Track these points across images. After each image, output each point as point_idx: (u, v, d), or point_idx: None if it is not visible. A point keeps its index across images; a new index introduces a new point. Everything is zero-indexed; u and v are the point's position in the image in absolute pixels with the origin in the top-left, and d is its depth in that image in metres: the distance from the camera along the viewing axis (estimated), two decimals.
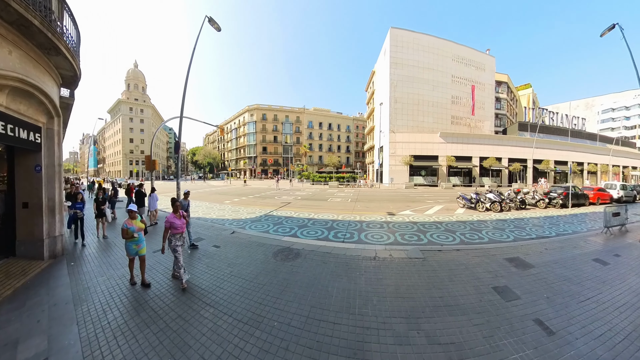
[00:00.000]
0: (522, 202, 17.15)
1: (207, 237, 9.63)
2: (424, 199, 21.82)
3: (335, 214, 14.17)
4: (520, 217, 14.07)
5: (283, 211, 15.17)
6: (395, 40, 42.98)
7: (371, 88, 59.17)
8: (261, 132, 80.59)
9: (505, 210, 15.84)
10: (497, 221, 12.81)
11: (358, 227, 11.04)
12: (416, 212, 15.16)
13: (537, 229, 11.29)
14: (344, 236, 9.56)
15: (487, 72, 51.28)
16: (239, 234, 9.93)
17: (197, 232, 10.40)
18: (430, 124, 44.89)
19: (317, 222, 12.00)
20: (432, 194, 26.62)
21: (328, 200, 20.11)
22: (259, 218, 13.24)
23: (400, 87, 43.11)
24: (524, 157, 46.29)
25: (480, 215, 14.58)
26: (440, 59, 45.73)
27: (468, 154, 44.00)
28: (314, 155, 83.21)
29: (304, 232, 10.06)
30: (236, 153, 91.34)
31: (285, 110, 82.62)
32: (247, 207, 17.06)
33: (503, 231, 10.65)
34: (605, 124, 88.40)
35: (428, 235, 9.84)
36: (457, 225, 11.76)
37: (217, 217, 13.95)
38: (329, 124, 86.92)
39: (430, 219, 13.10)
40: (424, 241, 9.13)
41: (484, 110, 51.02)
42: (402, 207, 17.36)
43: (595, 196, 19.95)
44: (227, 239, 9.28)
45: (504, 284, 5.58)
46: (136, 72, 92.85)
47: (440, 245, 8.62)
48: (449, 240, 9.27)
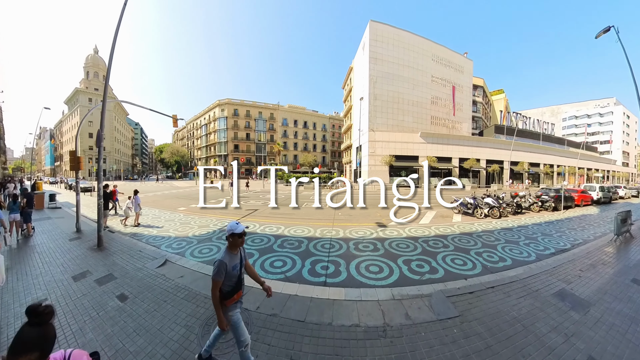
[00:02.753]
0: (518, 206, 16.16)
1: (120, 274, 6.49)
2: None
3: (311, 226, 11.31)
4: (522, 223, 13.12)
5: (246, 223, 11.98)
6: (375, 34, 40.93)
7: (348, 85, 56.96)
8: (232, 129, 75.93)
9: (503, 215, 14.60)
10: (503, 231, 11.32)
11: (344, 249, 8.25)
12: (409, 221, 12.76)
13: (548, 238, 10.24)
14: (326, 270, 6.69)
15: (465, 74, 51.45)
16: (170, 268, 6.83)
17: (114, 262, 7.26)
18: (410, 124, 43.51)
19: (288, 241, 9.07)
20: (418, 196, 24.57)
21: (303, 205, 17.19)
22: (210, 235, 10.10)
23: (380, 83, 41.15)
24: (500, 158, 47.18)
25: (482, 223, 12.99)
26: (421, 58, 44.48)
27: (448, 155, 43.36)
28: (289, 154, 79.93)
29: (268, 264, 7.07)
30: (206, 151, 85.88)
31: (258, 106, 78.46)
32: (203, 217, 13.78)
33: (517, 245, 9.20)
34: (569, 130, 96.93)
35: (439, 259, 7.56)
36: (464, 239, 9.74)
37: (158, 233, 10.69)
38: (304, 122, 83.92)
39: (430, 231, 10.84)
40: (439, 272, 6.72)
41: (462, 112, 51.11)
42: (390, 213, 14.88)
43: (579, 198, 20.63)
44: (149, 279, 6.18)
45: (584, 350, 3.75)
46: (96, 58, 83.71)
47: (463, 279, 6.25)
48: (469, 268, 7.02)
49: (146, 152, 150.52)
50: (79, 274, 6.48)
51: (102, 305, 5.06)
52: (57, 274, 6.53)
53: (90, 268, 6.89)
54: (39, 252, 8.31)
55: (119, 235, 10.56)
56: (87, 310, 4.87)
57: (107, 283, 6.06)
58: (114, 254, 8.15)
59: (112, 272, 6.72)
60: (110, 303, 5.18)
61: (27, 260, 7.56)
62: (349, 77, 57.28)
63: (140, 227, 11.92)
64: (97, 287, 5.87)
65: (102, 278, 6.29)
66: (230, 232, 3.12)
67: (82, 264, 7.21)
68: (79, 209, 11.83)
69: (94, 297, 5.36)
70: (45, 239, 9.89)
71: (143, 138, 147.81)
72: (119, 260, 7.56)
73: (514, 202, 16.10)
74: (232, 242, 3.14)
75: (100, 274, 6.51)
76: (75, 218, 11.73)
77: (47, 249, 8.58)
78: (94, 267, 6.99)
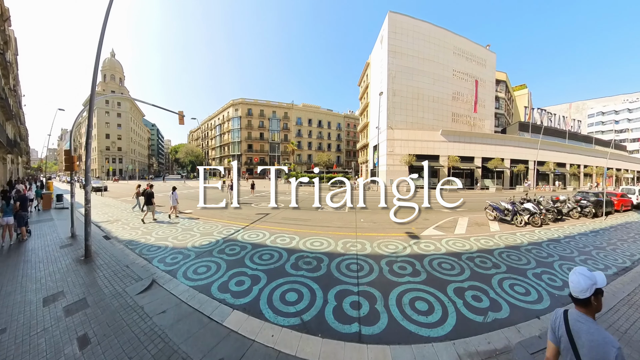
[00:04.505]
0: (558, 212, 14.21)
1: (94, 301, 5.28)
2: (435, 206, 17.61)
3: (331, 237, 9.65)
4: (567, 233, 11.40)
5: (255, 231, 10.54)
6: (394, 26, 38.66)
7: (365, 82, 54.83)
8: (246, 129, 75.30)
9: (544, 223, 12.82)
10: (552, 244, 9.57)
11: (376, 272, 6.51)
12: (443, 231, 10.99)
13: (603, 253, 8.78)
14: (358, 310, 4.88)
15: (488, 68, 48.04)
16: (154, 294, 5.41)
17: (94, 281, 6.10)
18: (430, 121, 40.99)
19: (304, 258, 7.43)
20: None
21: (320, 209, 15.58)
22: (212, 246, 8.60)
23: (399, 78, 38.90)
24: (525, 158, 43.55)
25: (524, 232, 11.19)
26: (441, 51, 41.82)
27: (470, 154, 40.40)
28: (303, 154, 78.52)
29: (277, 296, 5.34)
30: (220, 151, 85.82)
31: (272, 106, 77.44)
32: (207, 222, 12.41)
33: (574, 263, 7.74)
34: (596, 127, 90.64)
35: (496, 285, 5.95)
36: (513, 256, 8.02)
37: (155, 242, 9.38)
38: (318, 121, 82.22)
39: (471, 245, 9.03)
40: (503, 307, 5.08)
41: (485, 109, 47.73)
42: (418, 220, 13.08)
43: (619, 202, 18.54)
44: (123, 313, 4.78)
45: None
46: (113, 61, 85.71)
47: (536, 318, 4.72)
48: (534, 299, 5.47)
49: (162, 153, 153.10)
50: (51, 296, 5.49)
51: (57, 352, 3.81)
52: (30, 292, 5.68)
53: (67, 288, 5.86)
54: (25, 260, 7.69)
55: (115, 243, 9.44)
56: (39, 356, 3.70)
57: (75, 313, 4.84)
58: (98, 268, 6.97)
59: (87, 295, 5.52)
60: (67, 349, 3.88)
61: (8, 271, 6.87)
62: (365, 74, 55.16)
63: (140, 232, 10.82)
64: (64, 318, 4.70)
65: (73, 305, 5.13)
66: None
67: (61, 280, 6.22)
68: (74, 212, 10.79)
69: (54, 335, 4.20)
70: (38, 245, 9.28)
71: (159, 139, 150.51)
72: (100, 278, 6.33)
73: (554, 208, 14.19)
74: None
75: (73, 298, 5.38)
76: (71, 222, 10.78)
77: (34, 258, 7.90)
78: (71, 286, 5.92)
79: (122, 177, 76.33)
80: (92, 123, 8.28)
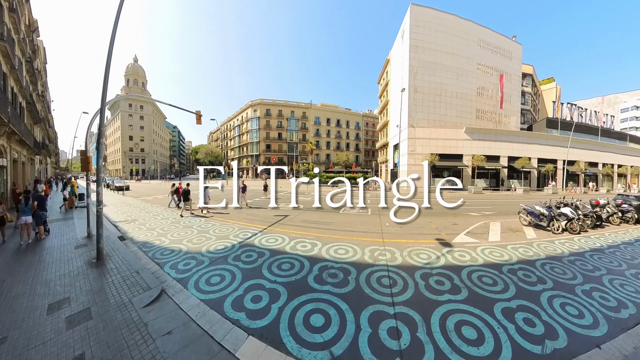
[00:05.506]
0: (597, 218, 12.89)
1: (98, 312, 4.78)
2: (463, 210, 16.59)
3: (355, 243, 8.81)
4: (610, 242, 10.06)
5: (273, 235, 9.85)
6: (416, 19, 37.16)
7: (384, 79, 53.42)
8: (265, 129, 75.51)
9: (582, 230, 11.55)
10: (596, 254, 8.46)
11: (412, 289, 5.64)
12: (476, 238, 9.91)
13: None
14: (398, 339, 4.02)
15: (514, 61, 45.00)
16: (162, 308, 4.84)
17: (102, 288, 5.70)
18: (453, 118, 39.03)
19: (328, 269, 6.59)
20: (467, 202, 21.22)
21: (341, 211, 14.74)
22: (227, 251, 8.00)
23: (421, 74, 37.34)
24: (553, 157, 40.52)
25: (562, 240, 10.01)
26: (465, 44, 39.71)
27: (495, 153, 38.04)
28: (321, 154, 77.82)
29: (300, 319, 4.50)
30: (239, 151, 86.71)
31: (290, 106, 77.26)
32: (224, 224, 11.89)
33: (625, 277, 6.67)
34: (629, 123, 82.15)
35: (545, 304, 5.13)
36: (557, 268, 7.05)
37: (170, 244, 8.94)
38: (337, 120, 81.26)
39: (510, 254, 8.05)
40: (559, 334, 4.28)
41: (510, 104, 44.69)
42: (446, 224, 12.11)
43: None
44: (124, 331, 4.23)
45: None
46: (136, 67, 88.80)
47: (597, 348, 4.01)
48: (589, 322, 4.65)
49: (183, 153, 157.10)
50: (57, 302, 5.18)
51: None
52: (38, 296, 5.43)
53: (73, 294, 5.53)
54: (39, 260, 7.63)
55: (129, 244, 9.15)
56: None
57: (77, 326, 4.41)
58: (108, 272, 6.58)
59: (91, 305, 5.07)
60: None
61: (22, 271, 6.82)
62: (385, 71, 53.72)
63: (155, 234, 10.52)
64: (64, 331, 4.29)
65: (77, 315, 4.73)
66: None
67: (69, 285, 5.90)
68: (90, 212, 10.59)
69: (51, 352, 3.81)
70: (54, 244, 9.28)
71: (180, 140, 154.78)
72: (108, 285, 5.90)
73: (593, 213, 12.77)
74: None
75: (78, 307, 4.99)
76: (86, 222, 10.70)
77: (48, 258, 7.83)
78: (78, 292, 5.58)
79: (144, 177, 78.59)
80: (103, 126, 7.93)
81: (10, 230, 10.48)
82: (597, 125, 48.08)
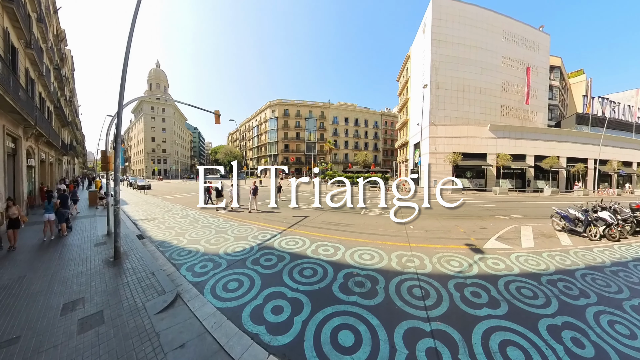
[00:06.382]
0: (638, 223, 11.46)
1: (111, 316, 4.53)
2: (490, 212, 15.57)
3: (380, 247, 8.23)
4: None
5: (293, 237, 9.40)
6: (439, 11, 35.75)
7: (404, 76, 52.04)
8: (283, 129, 75.66)
9: (622, 236, 10.27)
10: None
11: (447, 302, 5.00)
12: (508, 243, 9.07)
13: None
14: None
15: (541, 53, 41.76)
16: (176, 315, 4.51)
17: (117, 289, 5.50)
18: (477, 115, 37.17)
19: (354, 277, 6.03)
20: (493, 204, 20.11)
21: (362, 213, 14.12)
22: (246, 254, 7.63)
23: (443, 69, 35.86)
24: (583, 156, 37.53)
25: (601, 247, 9.03)
26: (489, 36, 37.63)
27: (521, 152, 35.74)
28: (339, 153, 77.09)
29: (327, 336, 3.98)
30: (257, 151, 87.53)
31: (308, 105, 76.99)
32: (242, 225, 11.60)
33: None
34: None
35: (592, 322, 4.54)
36: (599, 280, 6.28)
37: (187, 244, 8.73)
38: (355, 119, 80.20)
39: (546, 263, 7.24)
40: (611, 356, 3.77)
41: (537, 100, 41.61)
42: (474, 228, 11.26)
43: None
44: (135, 341, 3.92)
45: None
46: (158, 71, 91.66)
47: None
48: None
49: (204, 154, 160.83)
50: (71, 302, 5.05)
51: None
52: (54, 295, 5.35)
53: (88, 294, 5.33)
54: (59, 257, 7.70)
55: (147, 243, 9.03)
56: None
57: (88, 330, 4.19)
58: (124, 273, 6.41)
59: (105, 308, 4.84)
60: None
61: (42, 267, 6.91)
62: (404, 67, 52.32)
63: (174, 233, 10.41)
64: (75, 335, 4.07)
65: (89, 318, 4.53)
66: None
67: (85, 284, 5.80)
68: (109, 211, 10.60)
69: (60, 357, 3.61)
70: (75, 241, 9.43)
71: (201, 141, 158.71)
72: (123, 286, 5.69)
73: (633, 218, 11.46)
74: None
75: (92, 310, 4.81)
76: (106, 220, 10.82)
77: (68, 255, 7.92)
78: (93, 293, 5.44)
79: (166, 176, 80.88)
80: (120, 128, 7.96)
81: (25, 233, 10.20)
82: (632, 120, 44.02)
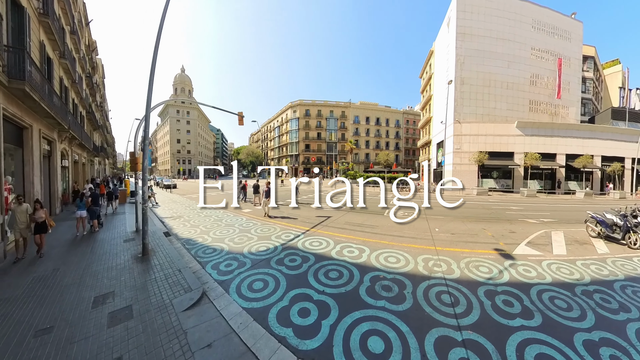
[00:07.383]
0: None
1: (139, 311, 4.61)
2: (518, 215, 14.70)
3: (406, 251, 7.92)
4: None
5: (316, 238, 9.29)
6: (463, 3, 34.35)
7: (427, 72, 50.66)
8: (304, 129, 75.98)
9: None
10: None
11: (477, 310, 4.67)
12: (538, 249, 8.45)
13: None
14: None
15: (574, 42, 38.31)
16: (202, 313, 4.54)
17: (145, 284, 5.66)
18: (503, 112, 35.11)
19: (381, 280, 5.84)
20: (521, 206, 18.88)
21: (385, 214, 13.76)
22: (269, 254, 7.60)
23: (468, 64, 34.35)
24: (620, 154, 33.95)
25: None
26: (518, 26, 35.39)
27: (551, 151, 33.22)
28: (360, 153, 76.33)
29: (357, 340, 3.84)
30: (278, 151, 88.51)
31: (329, 105, 76.82)
32: (265, 224, 11.63)
33: None
34: None
35: (634, 339, 4.12)
36: None
37: (212, 242, 8.89)
38: (376, 118, 78.95)
39: (581, 272, 6.63)
40: None
41: (569, 93, 38.08)
42: (502, 232, 10.59)
43: None
44: (163, 338, 3.93)
45: None
46: (183, 76, 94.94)
47: None
48: None
49: (226, 154, 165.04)
50: (102, 295, 5.23)
51: None
52: (85, 288, 5.59)
53: (118, 288, 5.52)
54: (91, 251, 8.06)
55: (173, 241, 9.32)
56: None
57: (117, 325, 4.28)
58: (152, 269, 6.57)
59: (133, 303, 4.96)
60: None
61: (76, 260, 7.30)
62: (427, 63, 50.89)
63: (199, 231, 10.69)
64: (105, 328, 4.18)
65: (119, 312, 4.65)
66: None
67: (115, 279, 6.01)
68: (138, 208, 10.96)
69: (91, 350, 3.69)
70: (105, 237, 9.87)
71: (224, 142, 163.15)
72: (150, 282, 5.82)
73: None
74: None
75: (121, 304, 4.89)
76: (135, 218, 11.18)
77: (99, 250, 8.28)
78: (122, 287, 5.57)
79: (190, 176, 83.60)
80: (148, 130, 8.45)
81: (59, 228, 10.74)
82: None
